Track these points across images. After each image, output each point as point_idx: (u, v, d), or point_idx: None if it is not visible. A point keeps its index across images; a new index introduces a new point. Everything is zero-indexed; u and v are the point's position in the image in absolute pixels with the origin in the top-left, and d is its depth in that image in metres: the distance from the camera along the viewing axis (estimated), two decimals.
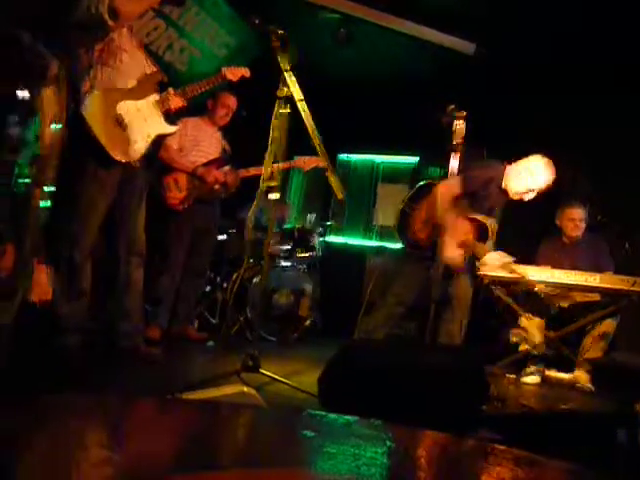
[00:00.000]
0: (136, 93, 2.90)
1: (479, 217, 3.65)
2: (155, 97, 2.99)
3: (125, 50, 2.87)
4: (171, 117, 3.15)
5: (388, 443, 0.53)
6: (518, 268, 3.72)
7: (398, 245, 4.83)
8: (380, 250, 6.57)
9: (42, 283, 3.05)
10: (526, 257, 4.41)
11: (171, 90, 3.08)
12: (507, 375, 4.03)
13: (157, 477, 0.33)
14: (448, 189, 3.62)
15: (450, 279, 3.71)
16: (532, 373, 4.05)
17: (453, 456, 0.52)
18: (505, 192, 3.78)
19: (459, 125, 3.35)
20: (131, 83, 2.88)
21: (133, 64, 2.91)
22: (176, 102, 3.07)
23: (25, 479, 0.31)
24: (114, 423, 0.48)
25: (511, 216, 5.87)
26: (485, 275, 3.92)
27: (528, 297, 4.25)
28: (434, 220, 3.66)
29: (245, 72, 3.57)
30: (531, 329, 4.15)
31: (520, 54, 5.10)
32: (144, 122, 2.91)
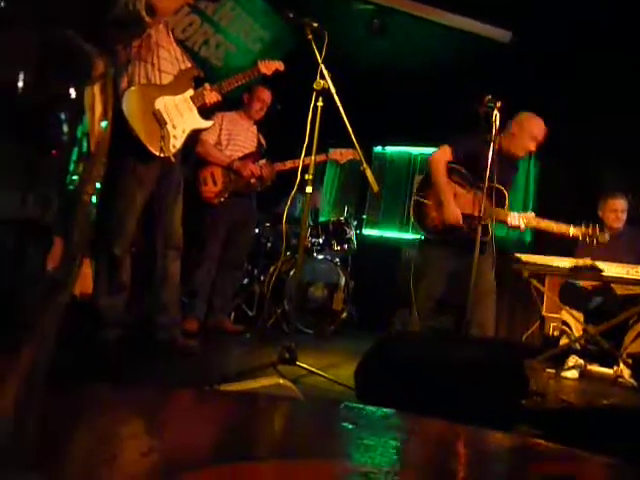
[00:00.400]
0: (172, 88, 2.94)
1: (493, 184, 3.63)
2: (191, 92, 3.02)
3: (162, 46, 2.90)
4: (206, 112, 3.18)
5: (426, 437, 0.53)
6: (543, 221, 3.67)
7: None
8: (416, 243, 6.53)
9: (84, 277, 3.12)
10: (566, 249, 4.33)
11: (207, 85, 3.10)
12: (547, 369, 3.96)
13: (194, 467, 0.33)
14: (439, 154, 3.77)
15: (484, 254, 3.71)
16: (572, 367, 3.97)
17: (493, 451, 0.52)
18: (512, 158, 3.75)
19: (496, 115, 3.29)
20: (168, 79, 2.91)
21: (170, 60, 2.95)
22: (212, 97, 3.10)
23: (67, 468, 0.32)
24: (152, 414, 0.49)
25: (551, 207, 5.78)
26: (525, 268, 3.86)
27: (567, 290, 4.17)
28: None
29: (279, 66, 3.59)
30: (571, 323, 4.07)
31: (550, 41, 4.97)
32: (181, 117, 2.94)
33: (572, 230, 3.64)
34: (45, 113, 0.23)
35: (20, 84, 0.22)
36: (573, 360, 4.01)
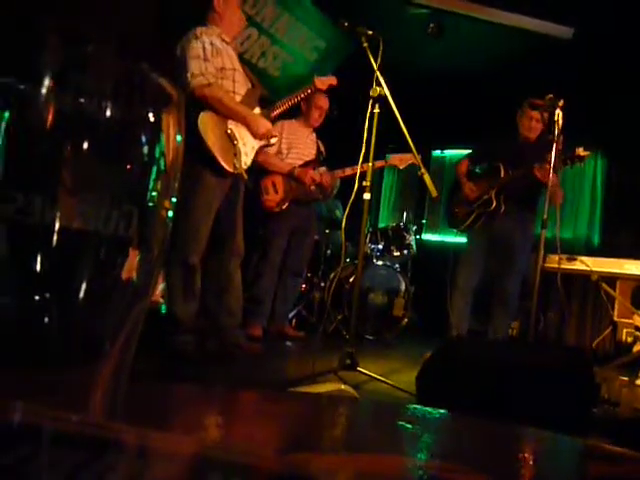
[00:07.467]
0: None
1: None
2: (258, 111, 3.14)
3: (237, 70, 3.04)
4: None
5: (488, 437, 0.53)
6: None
7: None
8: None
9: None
10: (635, 249, 4.15)
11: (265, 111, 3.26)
12: (620, 377, 3.80)
13: (271, 456, 0.35)
14: (457, 165, 4.27)
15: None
16: None
17: (555, 454, 0.52)
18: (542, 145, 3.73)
19: (559, 114, 3.20)
20: (238, 98, 3.04)
21: (243, 82, 3.08)
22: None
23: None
24: (224, 411, 0.52)
25: (619, 213, 5.55)
26: (593, 271, 3.73)
27: None
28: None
29: (333, 81, 3.68)
30: None
31: (617, 35, 4.77)
32: (250, 135, 3.07)
33: None
34: (128, 137, 0.26)
35: (108, 113, 0.24)
36: None
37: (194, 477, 0.19)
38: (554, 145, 3.23)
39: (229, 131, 2.95)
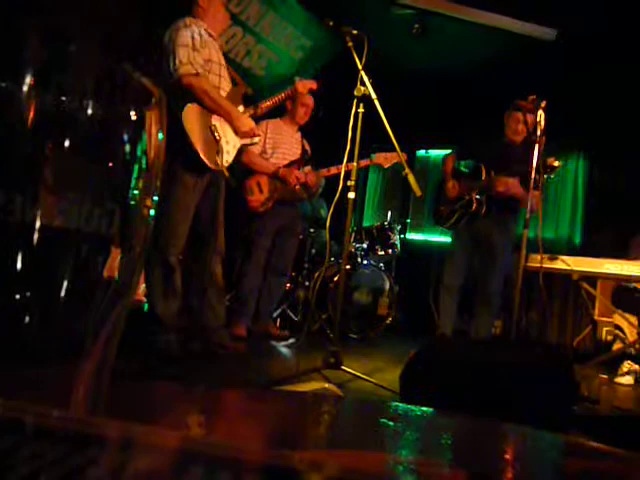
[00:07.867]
0: None
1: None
2: (241, 109, 3.13)
3: (222, 65, 3.03)
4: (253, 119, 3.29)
5: (470, 434, 0.54)
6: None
7: None
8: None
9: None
10: (620, 250, 4.21)
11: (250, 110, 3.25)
12: (600, 375, 3.85)
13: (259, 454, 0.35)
14: (443, 163, 4.33)
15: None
16: (627, 373, 3.85)
17: (536, 450, 0.53)
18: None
19: (541, 115, 3.24)
20: (223, 94, 3.03)
21: (227, 79, 3.06)
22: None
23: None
24: (208, 409, 0.52)
25: (602, 212, 5.62)
26: (574, 271, 3.77)
27: (620, 293, 4.05)
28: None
29: (314, 85, 3.68)
30: (625, 327, 3.95)
31: (600, 37, 4.83)
32: (232, 133, 3.06)
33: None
34: (110, 135, 0.26)
35: (90, 111, 0.24)
36: (628, 366, 3.88)
37: (178, 470, 0.19)
38: (536, 145, 3.26)
39: (212, 126, 2.93)
